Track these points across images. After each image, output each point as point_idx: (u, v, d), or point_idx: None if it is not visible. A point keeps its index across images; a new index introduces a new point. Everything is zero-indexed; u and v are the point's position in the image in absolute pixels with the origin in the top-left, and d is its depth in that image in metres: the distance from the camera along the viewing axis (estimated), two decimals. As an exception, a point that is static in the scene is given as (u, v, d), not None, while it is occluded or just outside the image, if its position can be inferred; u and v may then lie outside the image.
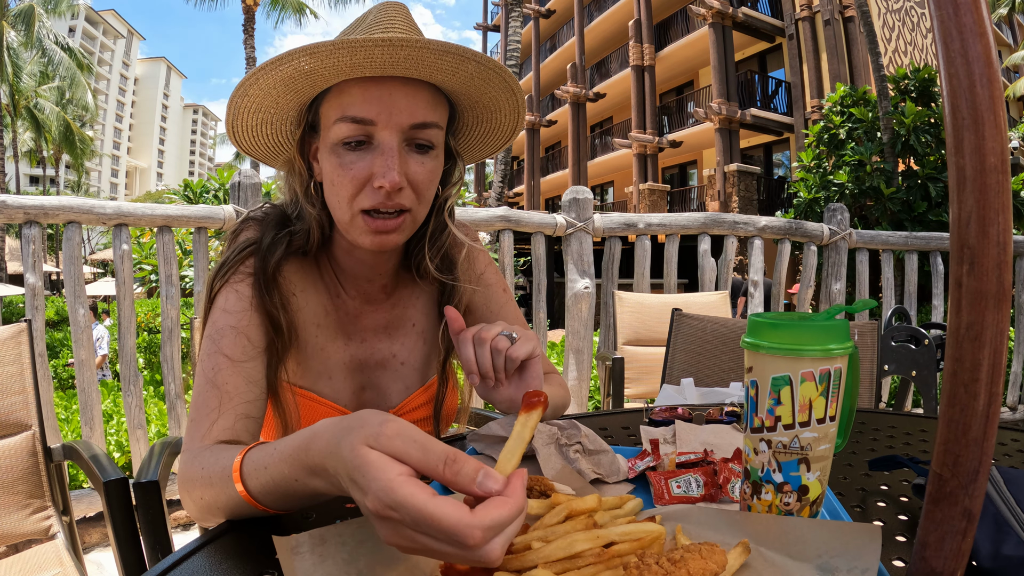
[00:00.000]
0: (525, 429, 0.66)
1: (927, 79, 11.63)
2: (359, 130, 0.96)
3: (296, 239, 1.08)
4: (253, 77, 0.96)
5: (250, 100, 1.00)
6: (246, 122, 1.05)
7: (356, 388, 1.19)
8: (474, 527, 0.53)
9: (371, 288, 1.19)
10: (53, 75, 30.93)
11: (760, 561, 0.63)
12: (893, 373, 3.74)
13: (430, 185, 1.04)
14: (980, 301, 0.50)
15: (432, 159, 1.02)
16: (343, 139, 0.97)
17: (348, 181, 0.97)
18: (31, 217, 2.87)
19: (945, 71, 0.50)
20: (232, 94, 1.00)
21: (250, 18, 19.93)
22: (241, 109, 1.02)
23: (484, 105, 1.10)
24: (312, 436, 0.67)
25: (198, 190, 15.16)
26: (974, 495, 0.54)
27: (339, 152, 0.98)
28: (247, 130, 1.07)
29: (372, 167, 0.96)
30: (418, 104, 0.98)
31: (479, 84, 1.03)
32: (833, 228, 4.40)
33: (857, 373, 0.73)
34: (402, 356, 1.22)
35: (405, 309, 1.23)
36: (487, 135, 1.18)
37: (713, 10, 19.26)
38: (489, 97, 1.07)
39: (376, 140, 0.97)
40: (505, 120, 1.14)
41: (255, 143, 1.10)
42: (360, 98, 0.96)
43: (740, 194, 18.84)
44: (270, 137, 1.10)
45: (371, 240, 1.01)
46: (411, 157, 0.99)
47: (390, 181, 0.95)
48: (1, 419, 1.72)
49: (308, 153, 1.08)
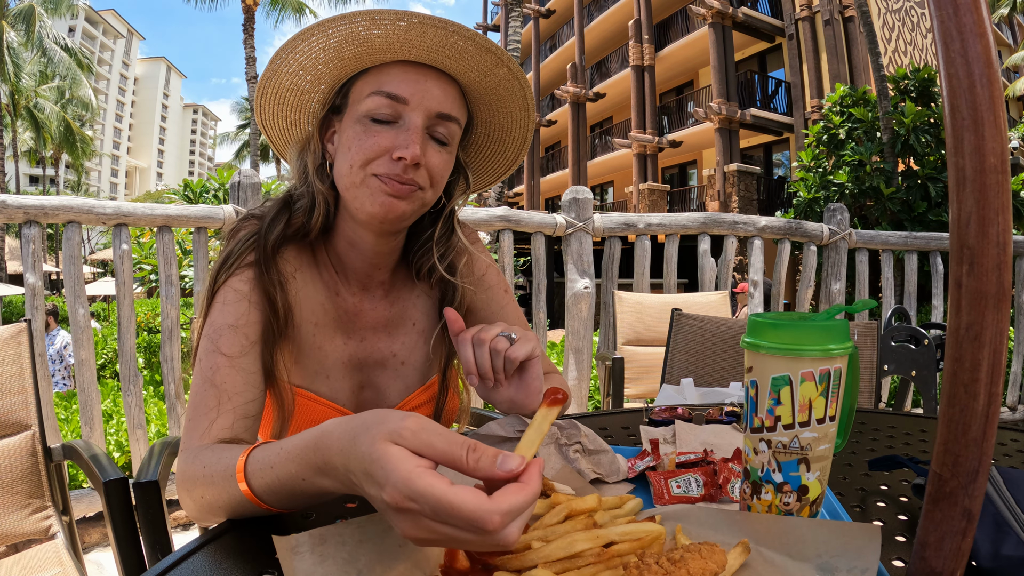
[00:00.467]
0: (544, 423, 0.66)
1: (927, 79, 11.63)
2: (391, 106, 1.00)
3: (296, 217, 1.08)
4: (307, 32, 0.99)
5: (294, 60, 1.02)
6: (280, 83, 1.06)
7: (355, 387, 1.18)
8: (493, 512, 0.54)
9: (370, 283, 1.18)
10: (53, 75, 30.96)
11: (760, 561, 0.63)
12: (893, 373, 3.75)
13: (442, 175, 1.06)
14: (980, 301, 0.50)
15: (447, 152, 1.06)
16: (373, 111, 1.00)
17: (369, 147, 0.99)
18: (31, 217, 2.87)
19: (945, 71, 0.50)
20: (276, 53, 1.01)
21: (250, 18, 19.94)
22: (279, 71, 1.04)
23: (498, 122, 1.15)
24: (321, 435, 0.67)
25: (198, 190, 15.16)
26: (974, 495, 0.54)
27: (366, 123, 1.01)
28: (276, 94, 1.08)
29: (395, 140, 0.99)
30: (448, 96, 1.03)
31: (504, 94, 1.08)
32: (833, 228, 4.40)
33: (857, 373, 0.73)
34: (402, 355, 1.22)
35: (405, 308, 1.22)
36: (492, 158, 1.23)
37: (713, 10, 19.26)
38: (506, 113, 1.12)
39: (403, 119, 1.00)
40: (512, 143, 1.18)
41: (278, 112, 1.11)
42: (399, 76, 1.00)
43: (740, 194, 18.84)
44: (294, 109, 1.11)
45: (380, 202, 1.01)
46: (430, 144, 1.03)
47: (412, 153, 0.97)
48: (1, 419, 1.72)
49: (324, 135, 1.10)
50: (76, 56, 30.88)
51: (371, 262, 1.15)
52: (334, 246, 1.15)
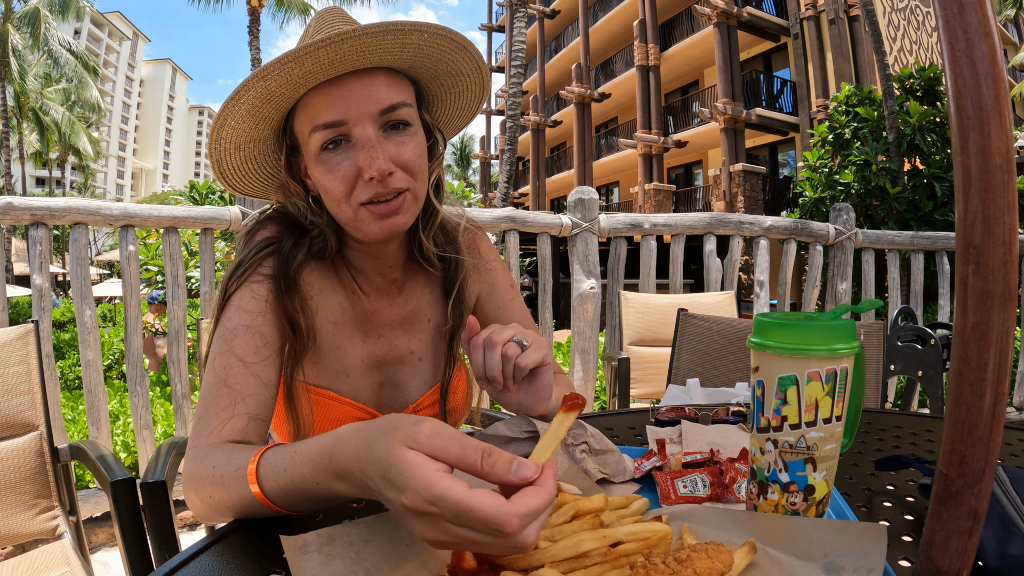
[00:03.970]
0: (561, 428, 0.67)
1: (933, 78, 11.57)
2: (334, 133, 0.99)
3: (316, 242, 1.10)
4: (220, 120, 0.99)
5: (226, 140, 1.03)
6: (231, 163, 1.07)
7: (375, 385, 1.20)
8: (512, 515, 0.55)
9: (384, 282, 1.20)
10: (59, 77, 31.07)
11: (766, 561, 0.63)
12: (899, 373, 3.73)
13: (418, 160, 1.04)
14: (986, 301, 0.50)
15: (411, 136, 1.04)
16: (321, 146, 0.99)
17: (339, 181, 1.00)
18: (38, 218, 2.88)
19: (950, 71, 0.50)
20: (208, 141, 1.02)
21: (255, 19, 19.95)
22: (222, 153, 1.04)
23: (444, 72, 1.10)
24: (337, 440, 0.68)
25: (204, 191, 15.17)
26: (980, 495, 0.54)
27: (323, 159, 1.01)
28: (235, 171, 1.09)
29: (357, 162, 0.99)
30: (378, 90, 1.00)
31: (430, 52, 1.04)
32: (839, 228, 4.39)
33: (863, 373, 0.73)
34: (419, 352, 1.23)
35: (419, 304, 1.24)
36: (458, 101, 1.19)
37: (718, 10, 19.23)
38: (446, 62, 1.08)
39: (353, 137, 0.99)
40: (471, 81, 1.14)
41: (247, 181, 1.12)
42: (324, 104, 0.98)
43: (745, 194, 18.81)
44: (258, 172, 1.12)
45: (380, 227, 1.02)
46: (390, 140, 1.01)
47: (377, 170, 0.97)
48: (8, 419, 1.73)
49: (299, 174, 1.10)
50: (82, 59, 30.99)
51: (381, 261, 1.17)
52: (348, 255, 1.17)
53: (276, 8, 24.73)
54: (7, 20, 26.80)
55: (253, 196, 1.17)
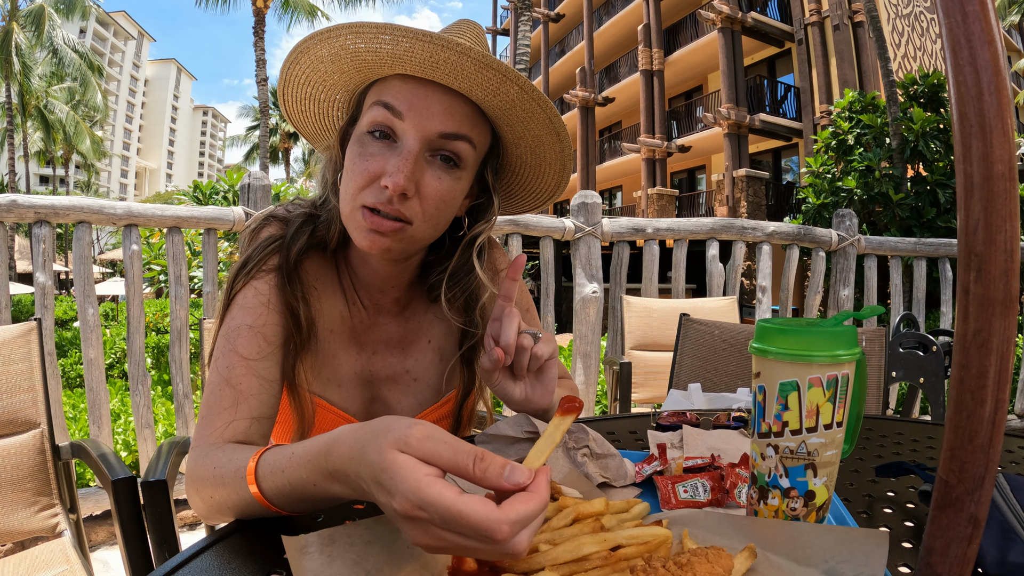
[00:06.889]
0: (557, 432, 0.66)
1: (936, 84, 11.56)
2: (387, 118, 0.94)
3: (320, 228, 1.08)
4: (303, 45, 0.96)
5: (300, 70, 1.01)
6: (295, 93, 1.06)
7: (366, 400, 1.17)
8: (502, 522, 0.54)
9: (383, 299, 1.16)
10: (64, 76, 31.14)
11: (766, 566, 0.63)
12: (901, 379, 3.73)
13: (441, 204, 0.98)
14: (987, 308, 0.50)
15: (454, 178, 0.98)
16: (371, 125, 0.96)
17: (360, 172, 0.95)
18: (42, 216, 2.89)
19: (953, 79, 0.51)
20: (284, 61, 1.00)
21: (260, 20, 19.99)
22: (291, 78, 1.03)
23: (527, 144, 1.05)
24: (332, 441, 0.67)
25: (207, 191, 15.19)
26: (980, 501, 0.54)
27: (364, 141, 0.97)
28: (296, 102, 1.07)
29: (385, 164, 0.94)
30: (453, 114, 0.95)
31: (520, 115, 0.99)
32: (842, 234, 4.38)
33: (864, 379, 0.73)
34: (415, 372, 1.20)
35: (420, 325, 1.20)
36: (532, 181, 1.13)
37: (722, 15, 19.25)
38: (532, 135, 1.03)
39: (400, 139, 0.95)
40: (549, 169, 1.09)
41: (303, 118, 1.11)
42: (399, 88, 0.95)
43: (749, 199, 18.81)
44: (317, 118, 1.10)
45: (364, 238, 0.96)
46: (430, 169, 0.96)
47: (394, 182, 0.91)
48: (10, 417, 1.73)
49: (346, 145, 1.05)
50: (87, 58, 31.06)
51: (383, 279, 1.13)
52: (350, 258, 1.14)
53: (282, 10, 24.80)
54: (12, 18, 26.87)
55: (303, 135, 1.15)
